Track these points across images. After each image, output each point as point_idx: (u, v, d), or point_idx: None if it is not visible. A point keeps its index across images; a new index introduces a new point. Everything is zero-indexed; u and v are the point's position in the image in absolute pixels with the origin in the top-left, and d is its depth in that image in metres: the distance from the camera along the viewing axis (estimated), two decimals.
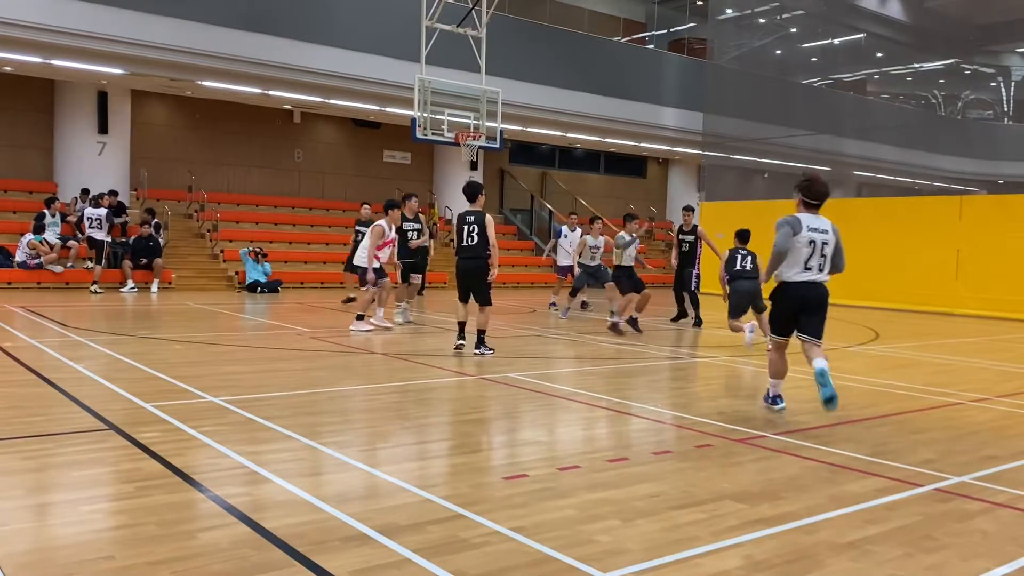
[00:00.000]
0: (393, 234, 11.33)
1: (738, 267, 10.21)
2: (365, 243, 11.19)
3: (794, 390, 7.65)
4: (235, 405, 6.04)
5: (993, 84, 33.89)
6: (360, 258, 11.36)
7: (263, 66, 17.73)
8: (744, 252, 10.37)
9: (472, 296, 9.06)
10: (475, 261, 8.89)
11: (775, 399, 6.57)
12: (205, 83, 18.42)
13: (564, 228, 16.24)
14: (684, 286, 13.82)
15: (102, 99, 19.06)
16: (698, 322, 13.35)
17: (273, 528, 3.56)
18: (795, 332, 6.31)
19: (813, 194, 6.16)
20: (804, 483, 4.53)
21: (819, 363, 6.00)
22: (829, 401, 5.87)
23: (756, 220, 14.20)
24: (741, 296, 10.18)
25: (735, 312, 10.33)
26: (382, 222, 11.12)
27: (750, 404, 6.93)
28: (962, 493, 4.44)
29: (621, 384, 7.73)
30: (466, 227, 8.85)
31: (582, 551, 3.41)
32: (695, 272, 13.84)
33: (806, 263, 6.09)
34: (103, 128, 19.09)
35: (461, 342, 9.20)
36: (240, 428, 5.40)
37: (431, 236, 23.43)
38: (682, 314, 14.03)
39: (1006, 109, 33.73)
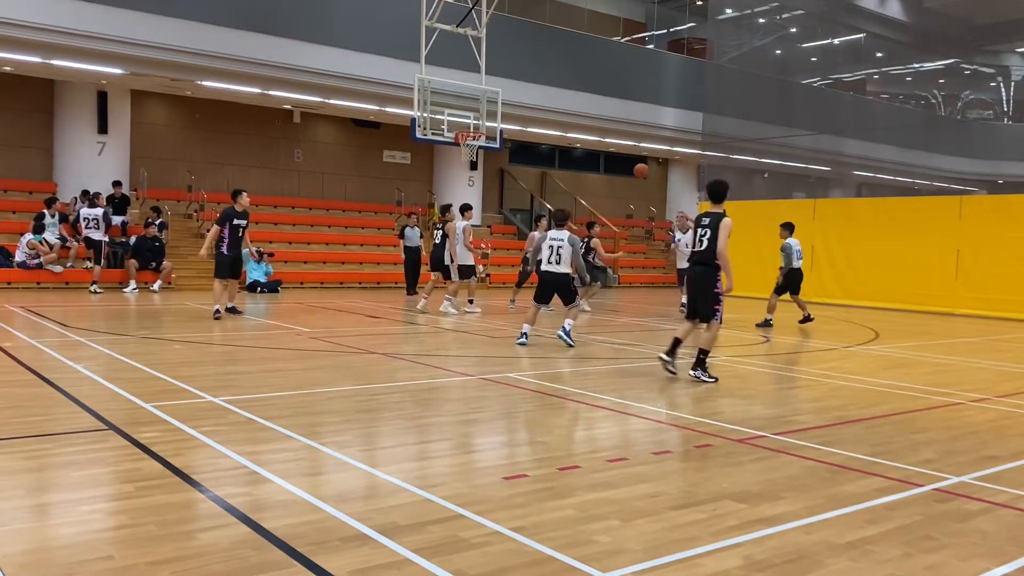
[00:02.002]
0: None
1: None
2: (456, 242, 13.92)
3: (795, 390, 7.66)
4: (235, 405, 6.04)
5: (993, 84, 33.87)
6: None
7: (263, 66, 17.73)
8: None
9: (696, 308, 7.93)
10: (696, 268, 7.82)
11: (524, 335, 10.00)
12: (205, 83, 18.42)
13: (676, 232, 15.19)
14: None
15: (102, 99, 19.05)
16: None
17: (273, 528, 3.56)
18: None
19: (557, 220, 10.17)
20: (804, 483, 4.53)
21: (567, 323, 9.99)
22: (570, 347, 9.77)
23: (756, 220, 14.32)
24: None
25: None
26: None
27: (750, 404, 6.93)
28: (962, 493, 4.44)
29: (621, 384, 7.72)
30: (699, 230, 7.76)
31: (582, 551, 3.41)
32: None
33: (548, 259, 9.99)
34: (103, 128, 19.09)
35: (669, 360, 7.88)
36: (240, 428, 5.40)
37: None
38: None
39: (1006, 109, 33.71)
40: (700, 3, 28.51)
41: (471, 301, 14.37)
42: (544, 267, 10.09)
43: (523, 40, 21.54)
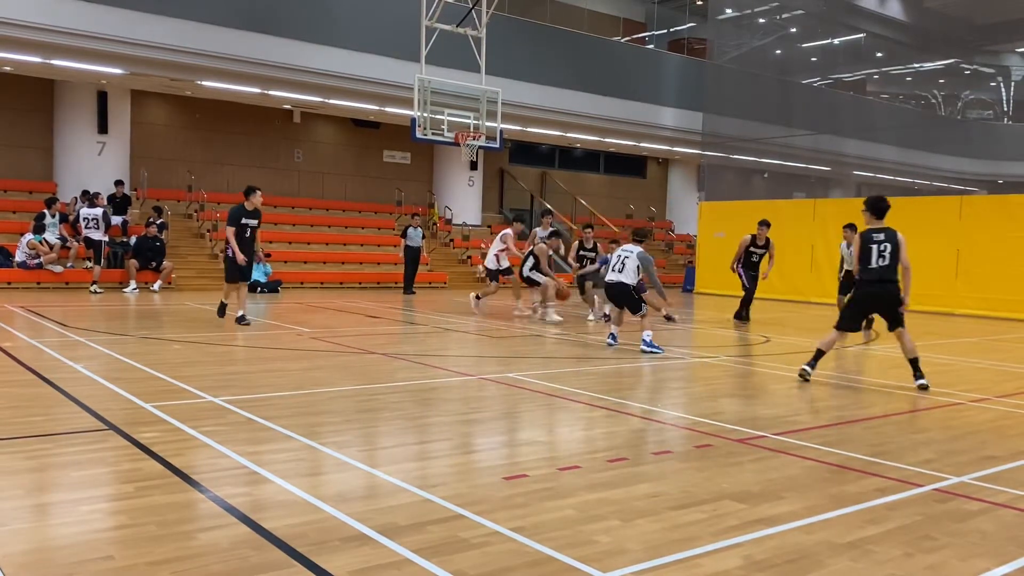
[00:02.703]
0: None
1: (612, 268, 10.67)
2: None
3: (795, 390, 7.65)
4: (235, 405, 6.04)
5: (993, 84, 33.88)
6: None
7: (263, 66, 17.73)
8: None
9: (886, 321, 7.97)
10: (885, 286, 7.83)
11: (613, 336, 10.37)
12: (205, 83, 18.42)
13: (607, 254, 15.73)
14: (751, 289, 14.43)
15: (102, 99, 19.06)
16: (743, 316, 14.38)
17: (273, 528, 3.56)
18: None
19: (636, 235, 10.41)
20: (804, 483, 4.53)
21: (646, 335, 9.87)
22: (656, 353, 9.66)
23: (756, 220, 14.30)
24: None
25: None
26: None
27: (750, 404, 6.93)
28: (961, 493, 4.44)
29: (621, 384, 7.72)
30: (875, 246, 7.82)
31: (582, 551, 3.41)
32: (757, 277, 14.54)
33: (612, 267, 10.10)
34: (103, 128, 19.10)
35: (808, 369, 8.09)
36: (240, 428, 5.40)
37: (433, 236, 23.51)
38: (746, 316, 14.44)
39: (1006, 109, 33.71)
40: (700, 3, 28.50)
41: (478, 297, 14.24)
42: (608, 276, 10.26)
43: (523, 40, 21.54)
